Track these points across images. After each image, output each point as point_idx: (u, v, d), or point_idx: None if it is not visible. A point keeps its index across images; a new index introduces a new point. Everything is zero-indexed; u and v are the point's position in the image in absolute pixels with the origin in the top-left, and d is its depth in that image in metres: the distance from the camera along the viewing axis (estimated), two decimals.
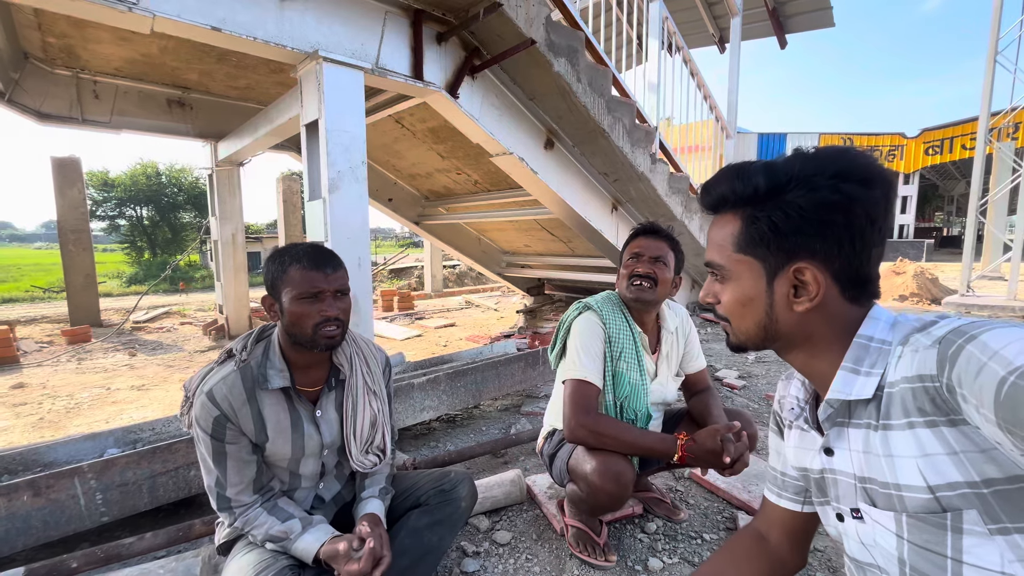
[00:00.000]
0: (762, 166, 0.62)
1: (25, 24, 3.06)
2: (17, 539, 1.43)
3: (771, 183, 0.60)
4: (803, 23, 6.57)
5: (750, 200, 0.62)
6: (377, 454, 1.29)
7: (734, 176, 0.63)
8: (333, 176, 2.39)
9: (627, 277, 1.46)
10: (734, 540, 0.86)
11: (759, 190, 0.61)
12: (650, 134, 3.67)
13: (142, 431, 2.08)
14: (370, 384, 1.28)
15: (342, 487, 1.32)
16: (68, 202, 6.87)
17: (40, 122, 3.75)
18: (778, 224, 0.60)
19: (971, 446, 0.51)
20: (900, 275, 7.58)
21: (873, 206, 0.58)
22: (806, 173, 0.59)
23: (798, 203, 0.59)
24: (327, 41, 2.35)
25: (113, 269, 17.38)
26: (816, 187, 0.58)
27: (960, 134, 14.48)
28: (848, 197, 0.57)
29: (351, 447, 1.24)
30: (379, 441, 1.29)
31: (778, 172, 0.60)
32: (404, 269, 13.90)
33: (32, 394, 4.02)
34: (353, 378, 1.25)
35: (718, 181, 0.66)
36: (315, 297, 1.11)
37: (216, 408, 1.08)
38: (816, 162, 0.59)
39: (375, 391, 1.29)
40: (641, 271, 1.43)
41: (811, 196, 0.58)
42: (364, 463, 1.26)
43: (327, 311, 1.11)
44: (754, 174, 0.61)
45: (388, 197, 5.46)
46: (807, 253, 0.60)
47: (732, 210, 0.65)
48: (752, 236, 0.63)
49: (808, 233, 0.59)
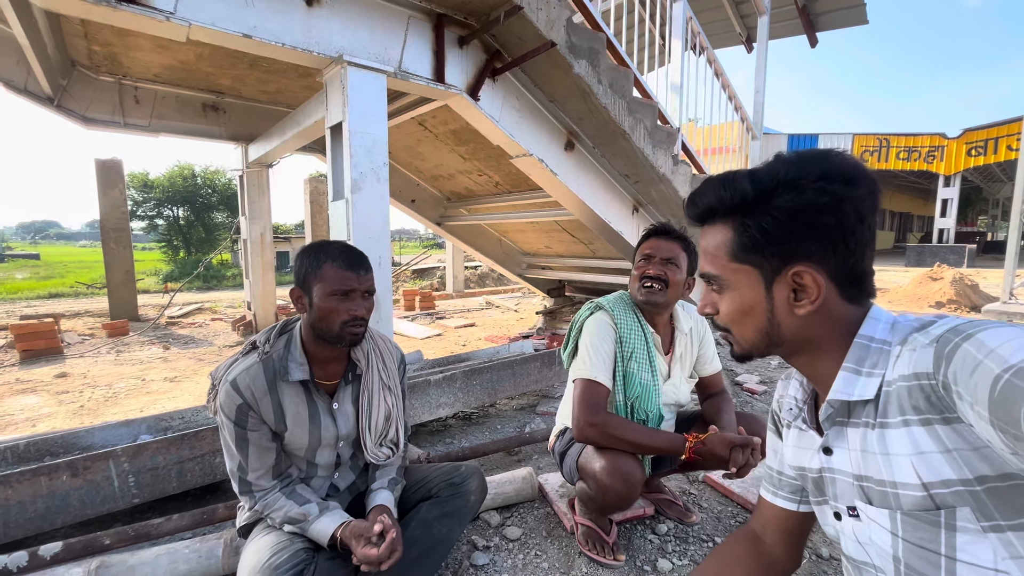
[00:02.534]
0: (746, 173, 0.62)
1: (73, 34, 3.25)
2: (56, 516, 1.53)
3: (758, 189, 0.61)
4: (835, 20, 6.38)
5: (738, 208, 0.63)
6: (391, 447, 1.34)
7: (720, 185, 0.64)
8: (356, 177, 2.46)
9: (638, 279, 1.46)
10: (729, 541, 0.86)
11: (747, 197, 0.62)
12: (672, 135, 3.64)
13: (172, 419, 2.18)
14: (385, 380, 1.32)
15: (356, 477, 1.37)
16: (110, 202, 7.22)
17: (85, 126, 3.96)
18: (769, 230, 0.60)
19: (964, 444, 0.51)
20: (937, 281, 7.27)
21: (861, 204, 0.58)
22: (791, 177, 0.59)
23: (787, 207, 0.59)
24: (351, 46, 2.42)
25: (151, 267, 18.12)
26: (803, 190, 0.58)
27: (1005, 134, 13.80)
28: (836, 197, 0.57)
29: (366, 439, 1.28)
30: (392, 435, 1.33)
31: (763, 178, 0.61)
32: (427, 269, 14.06)
33: (74, 383, 4.24)
34: (369, 374, 1.29)
35: (704, 191, 0.66)
36: (346, 295, 1.15)
37: (239, 396, 1.14)
38: (800, 166, 0.59)
39: (390, 387, 1.33)
40: (652, 273, 1.42)
41: (799, 199, 0.58)
42: (378, 455, 1.30)
43: (356, 311, 1.16)
44: (740, 181, 0.62)
45: (411, 198, 5.55)
46: (803, 256, 0.60)
47: (721, 220, 0.66)
48: (745, 243, 0.63)
49: (801, 236, 0.59)
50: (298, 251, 1.22)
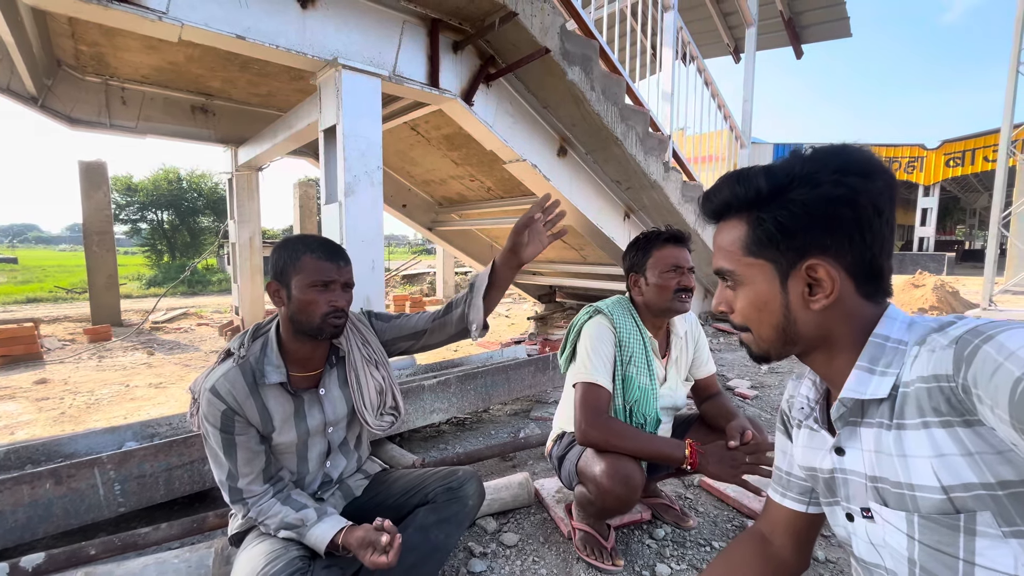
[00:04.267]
0: (762, 169, 0.62)
1: (59, 33, 3.19)
2: (39, 526, 1.48)
3: (773, 184, 0.61)
4: (819, 33, 6.54)
5: (754, 203, 0.63)
6: (392, 414, 1.36)
7: (735, 181, 0.64)
8: (349, 180, 2.44)
9: (671, 290, 1.44)
10: (736, 543, 0.85)
11: (762, 192, 0.61)
12: (663, 142, 3.68)
13: (159, 426, 2.13)
14: (367, 355, 1.33)
15: (347, 462, 1.37)
16: (93, 205, 7.08)
17: (70, 127, 3.88)
18: (784, 223, 0.60)
19: (986, 447, 0.51)
20: (919, 288, 7.43)
21: (877, 196, 0.58)
22: (807, 171, 0.59)
23: (803, 200, 0.59)
24: (346, 49, 2.41)
25: (134, 271, 17.77)
26: (819, 183, 0.58)
27: (982, 146, 14.21)
28: (852, 189, 0.57)
29: (366, 416, 1.29)
30: (391, 402, 1.35)
31: (779, 173, 0.61)
32: (417, 275, 14.01)
33: (54, 389, 4.13)
34: (351, 354, 1.29)
35: (719, 188, 0.66)
36: (326, 287, 1.14)
37: (222, 402, 1.12)
38: (815, 160, 0.60)
39: (375, 360, 1.33)
40: (686, 284, 1.45)
41: (815, 192, 0.58)
42: (382, 425, 1.33)
43: (336, 302, 1.15)
44: (755, 177, 0.62)
45: (402, 203, 5.53)
46: (818, 249, 0.60)
47: (736, 215, 0.65)
48: (760, 238, 0.62)
49: (816, 229, 0.59)
50: (275, 245, 1.20)
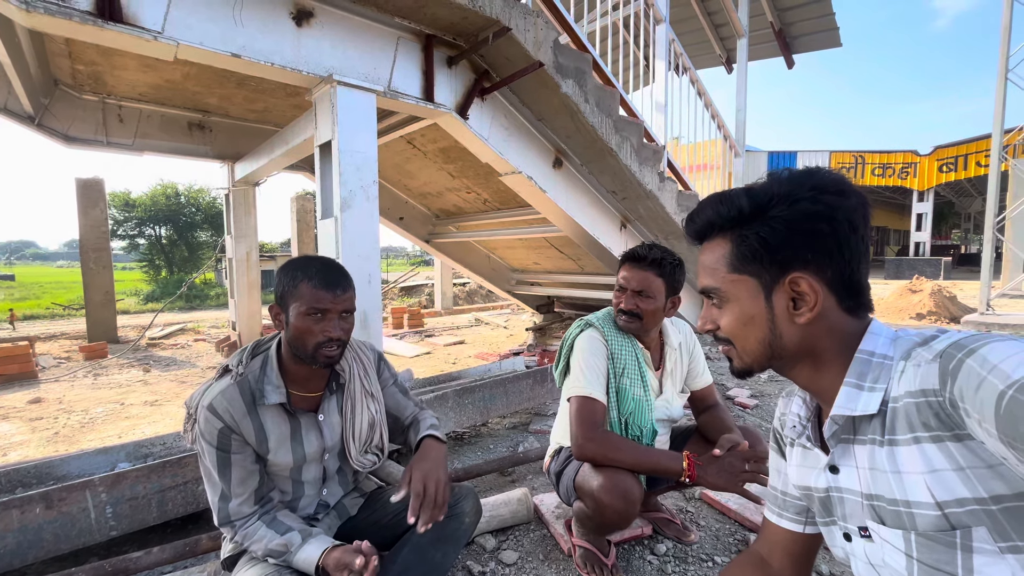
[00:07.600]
0: (743, 190, 0.65)
1: (56, 53, 3.22)
2: (28, 552, 1.45)
3: (754, 203, 0.64)
4: (810, 43, 6.62)
5: (736, 221, 0.65)
6: (376, 453, 1.33)
7: (718, 202, 0.67)
8: (345, 195, 2.44)
9: (616, 307, 1.49)
10: (733, 566, 0.83)
11: (744, 211, 0.64)
12: (658, 153, 3.70)
13: (153, 446, 2.11)
14: (367, 387, 1.32)
15: (345, 494, 1.34)
16: (90, 221, 7.08)
17: (67, 145, 3.89)
18: (767, 238, 0.63)
19: (978, 462, 0.50)
20: (917, 293, 7.44)
21: (852, 213, 0.61)
22: (785, 191, 0.62)
23: (783, 216, 0.62)
24: (341, 65, 2.43)
25: (131, 287, 17.72)
26: (798, 200, 0.61)
27: (975, 151, 14.36)
28: (829, 206, 0.60)
29: (350, 448, 1.27)
30: (377, 440, 1.33)
31: (759, 193, 0.64)
32: (415, 287, 13.99)
33: (48, 409, 4.09)
34: (352, 383, 1.28)
35: (702, 209, 0.69)
36: (321, 315, 1.13)
37: (219, 420, 1.11)
38: (792, 181, 0.63)
39: (372, 392, 1.32)
40: (624, 307, 1.44)
41: (795, 208, 0.61)
42: (363, 463, 1.30)
43: (330, 332, 1.13)
44: (737, 197, 0.65)
45: (399, 216, 5.54)
46: (799, 263, 0.62)
47: (720, 234, 0.68)
48: (744, 254, 0.65)
49: (797, 243, 0.62)
50: (280, 265, 1.19)
